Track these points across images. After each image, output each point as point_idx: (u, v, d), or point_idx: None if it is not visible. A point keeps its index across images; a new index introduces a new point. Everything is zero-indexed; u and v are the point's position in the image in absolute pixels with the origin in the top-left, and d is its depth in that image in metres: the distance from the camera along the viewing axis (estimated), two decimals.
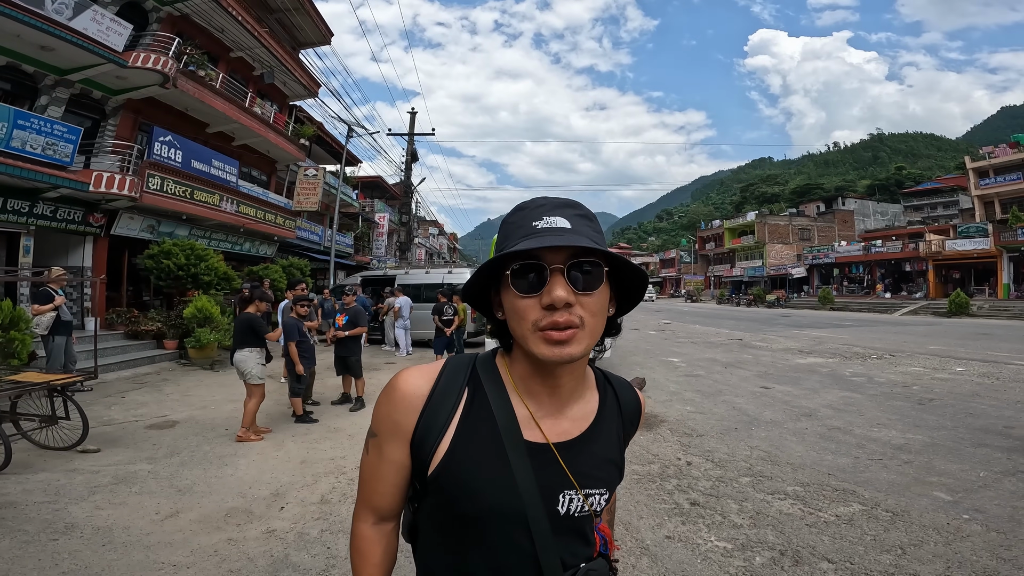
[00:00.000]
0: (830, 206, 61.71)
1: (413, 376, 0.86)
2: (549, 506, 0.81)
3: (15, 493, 3.87)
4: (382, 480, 0.87)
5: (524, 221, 0.81)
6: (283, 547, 3.14)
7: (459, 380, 0.86)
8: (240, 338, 5.67)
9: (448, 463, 0.81)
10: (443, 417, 0.83)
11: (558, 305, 0.73)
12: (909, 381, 8.60)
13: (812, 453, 4.94)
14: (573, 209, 0.82)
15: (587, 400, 0.91)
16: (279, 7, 17.05)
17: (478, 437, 0.82)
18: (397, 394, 0.85)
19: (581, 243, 0.74)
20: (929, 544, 3.12)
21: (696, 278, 64.73)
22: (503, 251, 0.78)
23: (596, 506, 0.86)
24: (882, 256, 38.21)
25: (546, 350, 0.75)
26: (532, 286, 0.76)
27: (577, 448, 0.85)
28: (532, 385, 0.85)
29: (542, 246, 0.73)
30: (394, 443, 0.85)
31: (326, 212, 21.78)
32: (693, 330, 19.59)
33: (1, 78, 10.11)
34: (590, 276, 0.76)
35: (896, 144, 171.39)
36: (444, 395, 0.84)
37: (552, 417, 0.86)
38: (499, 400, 0.84)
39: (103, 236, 11.75)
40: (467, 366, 0.89)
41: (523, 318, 0.77)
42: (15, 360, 6.42)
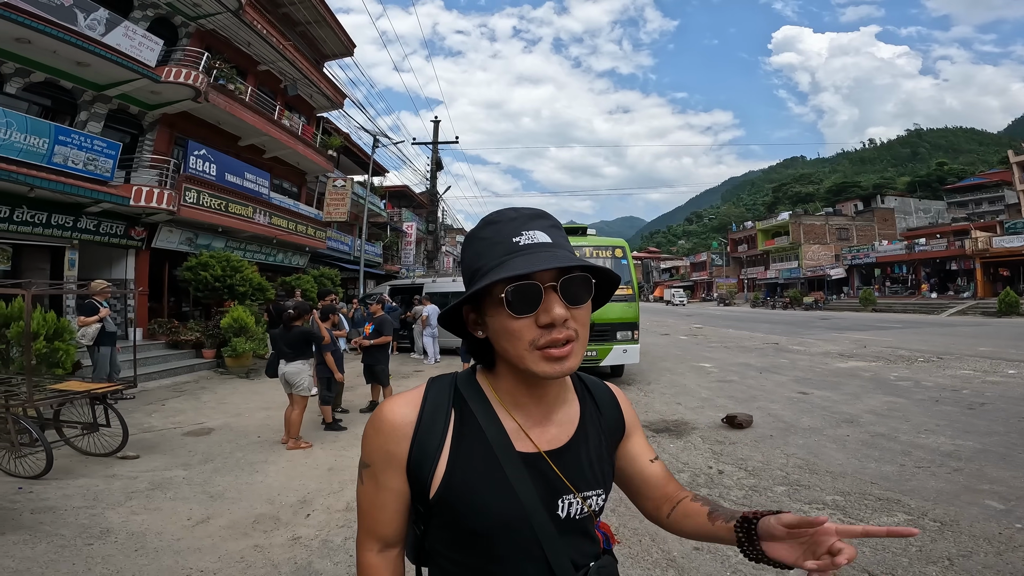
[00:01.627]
0: (868, 204, 59.85)
1: (398, 405, 0.86)
2: (551, 512, 0.83)
3: (55, 498, 3.99)
4: (382, 508, 0.86)
5: (501, 237, 0.80)
6: (307, 554, 3.14)
7: (444, 402, 0.87)
8: (298, 349, 5.72)
9: (449, 484, 0.81)
10: (435, 441, 0.83)
11: (558, 323, 0.75)
12: (958, 385, 8.19)
13: (854, 461, 4.73)
14: (546, 220, 0.84)
15: (570, 404, 0.92)
16: (302, 20, 17.49)
17: (473, 455, 0.83)
18: (386, 425, 0.85)
19: (575, 262, 0.76)
20: (979, 555, 2.94)
21: (728, 281, 63.39)
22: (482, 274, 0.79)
23: (595, 506, 0.88)
24: (926, 255, 36.77)
25: (547, 367, 0.76)
26: (527, 306, 0.76)
27: (568, 453, 0.87)
28: (519, 398, 0.86)
29: (542, 268, 0.73)
30: (389, 472, 0.84)
31: (355, 222, 22.13)
32: (726, 334, 19.15)
33: (41, 94, 10.53)
34: (580, 290, 0.78)
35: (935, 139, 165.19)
36: (432, 419, 0.85)
37: (540, 426, 0.87)
38: (486, 416, 0.85)
39: (145, 249, 12.17)
40: (449, 387, 0.90)
41: (519, 338, 0.77)
42: (59, 369, 6.66)
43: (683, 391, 8.32)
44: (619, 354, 8.66)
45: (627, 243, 9.69)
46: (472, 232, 0.85)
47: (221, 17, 13.00)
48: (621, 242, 9.56)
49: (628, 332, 8.70)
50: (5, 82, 9.73)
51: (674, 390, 8.44)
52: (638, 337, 8.89)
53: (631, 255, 9.40)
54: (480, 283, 0.77)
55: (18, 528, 3.41)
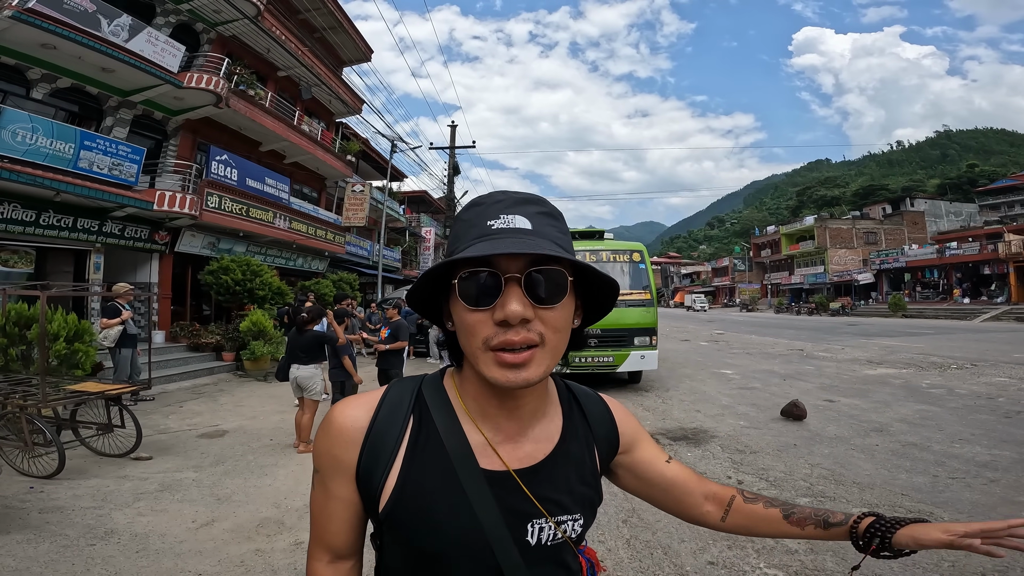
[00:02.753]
0: (897, 207, 58.38)
1: (350, 407, 0.78)
2: (517, 537, 0.73)
3: (64, 498, 4.01)
4: (331, 518, 0.78)
5: (478, 219, 0.71)
6: None
7: (403, 407, 0.78)
8: (312, 353, 5.73)
9: (399, 499, 0.73)
10: (388, 450, 0.74)
11: (512, 322, 0.64)
12: (994, 392, 7.83)
13: (883, 471, 4.50)
14: (536, 206, 0.73)
15: (551, 418, 0.82)
16: (320, 26, 17.70)
17: (429, 469, 0.73)
18: (334, 428, 0.76)
19: (541, 250, 0.65)
20: (1016, 570, 2.78)
21: (751, 286, 62.34)
22: (451, 255, 0.70)
23: (570, 532, 0.78)
24: (958, 259, 35.69)
25: (498, 374, 0.66)
26: (483, 298, 0.66)
27: (543, 473, 0.77)
28: (487, 407, 0.76)
29: (495, 252, 0.64)
30: (337, 479, 0.76)
31: (374, 227, 22.26)
32: (748, 340, 18.73)
33: (68, 100, 10.78)
34: (552, 287, 0.67)
35: (965, 141, 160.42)
36: (387, 425, 0.75)
37: (512, 441, 0.77)
38: (449, 426, 0.76)
39: (168, 253, 12.38)
40: (412, 391, 0.80)
41: (472, 334, 0.68)
42: (79, 371, 6.75)
43: (703, 398, 8.11)
44: (636, 360, 8.49)
45: (646, 248, 9.52)
46: (458, 213, 0.78)
47: (240, 23, 13.22)
48: (639, 246, 9.40)
49: (646, 338, 8.54)
50: (32, 88, 9.99)
51: (693, 397, 8.22)
52: (656, 343, 8.70)
53: (649, 260, 9.22)
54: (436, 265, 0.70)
55: (24, 527, 3.42)
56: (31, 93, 9.95)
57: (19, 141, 8.45)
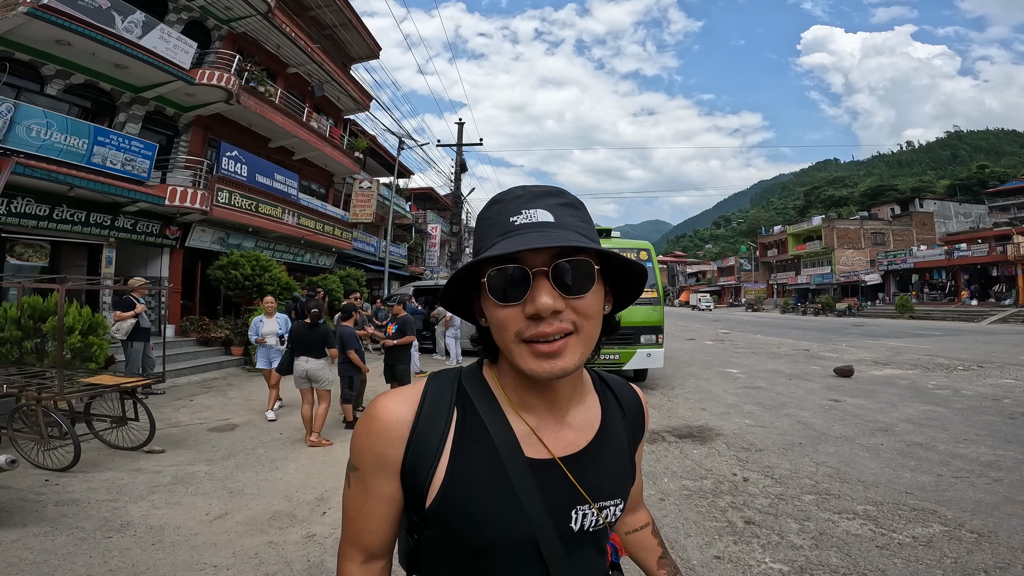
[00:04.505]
0: (906, 208, 57.95)
1: (394, 401, 0.77)
2: (561, 525, 0.75)
3: (80, 491, 4.07)
4: (370, 517, 0.77)
5: (500, 217, 0.72)
6: (320, 552, 3.14)
7: (446, 400, 0.78)
8: (321, 347, 5.85)
9: (447, 493, 0.72)
10: (434, 444, 0.74)
11: (544, 314, 0.65)
12: (1000, 394, 7.82)
13: (888, 470, 4.53)
14: (556, 198, 0.74)
15: (588, 405, 0.83)
16: (329, 23, 17.78)
17: (475, 461, 0.74)
18: (378, 424, 0.75)
19: (565, 242, 0.65)
20: (1017, 567, 2.81)
21: (757, 286, 62.08)
22: (478, 255, 0.71)
23: (611, 518, 0.80)
24: (966, 260, 35.39)
25: (534, 365, 0.67)
26: (513, 293, 0.67)
27: (586, 460, 0.78)
28: (526, 397, 0.77)
29: (520, 249, 0.64)
30: (381, 477, 0.75)
31: (381, 223, 22.36)
32: (754, 340, 18.69)
33: (81, 96, 10.89)
34: (579, 276, 0.67)
35: (976, 141, 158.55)
36: (431, 419, 0.75)
37: (554, 430, 0.78)
38: (493, 417, 0.76)
39: (178, 248, 12.50)
40: (452, 383, 0.80)
41: (505, 328, 0.69)
42: (92, 364, 6.84)
43: (708, 397, 8.13)
44: (643, 358, 8.52)
45: (652, 246, 9.53)
46: (480, 212, 0.78)
47: (251, 20, 13.31)
48: (646, 244, 9.41)
49: (652, 336, 8.56)
50: (46, 84, 10.09)
51: (699, 395, 8.25)
52: (663, 341, 8.72)
53: (656, 258, 9.24)
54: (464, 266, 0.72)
55: (41, 520, 3.47)
56: (45, 89, 10.05)
57: (34, 136, 8.56)
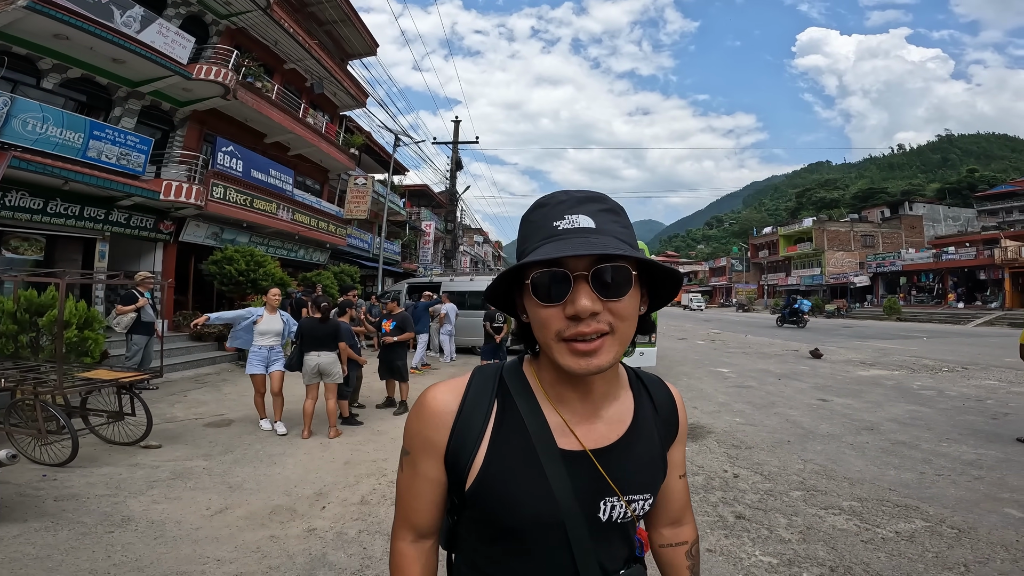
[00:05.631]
0: (896, 211, 58.58)
1: (441, 392, 0.85)
2: (589, 514, 0.80)
3: (79, 486, 4.08)
4: (419, 497, 0.85)
5: (544, 221, 0.76)
6: (322, 546, 3.19)
7: (488, 392, 0.84)
8: (330, 341, 5.96)
9: (484, 477, 0.79)
10: (475, 431, 0.81)
11: (583, 316, 0.70)
12: (983, 395, 8.01)
13: (873, 468, 4.66)
14: (597, 204, 0.78)
15: (621, 401, 0.87)
16: (327, 19, 17.78)
17: (511, 449, 0.80)
18: (427, 411, 0.83)
19: (606, 250, 0.70)
20: (995, 562, 2.92)
21: (748, 287, 62.51)
22: (523, 257, 0.75)
23: (639, 511, 0.84)
24: (954, 264, 35.87)
25: (572, 362, 0.72)
26: (555, 295, 0.72)
27: (617, 453, 0.83)
28: (562, 391, 0.82)
29: (563, 255, 0.68)
30: (428, 460, 0.83)
31: (375, 220, 22.35)
32: (745, 340, 18.88)
33: (77, 90, 10.84)
34: (617, 281, 0.72)
35: (967, 145, 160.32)
36: (474, 408, 0.82)
37: (587, 423, 0.83)
38: (529, 409, 0.82)
39: (172, 242, 12.46)
40: (494, 376, 0.87)
41: (546, 327, 0.73)
42: (88, 358, 6.83)
43: (700, 395, 8.25)
44: (635, 357, 8.60)
45: (646, 246, 9.63)
46: (524, 215, 0.82)
47: (250, 15, 13.27)
48: (641, 245, 9.51)
49: (645, 336, 8.64)
50: (43, 78, 10.04)
51: (691, 394, 8.37)
52: (655, 340, 8.83)
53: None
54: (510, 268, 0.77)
55: (41, 515, 3.48)
56: (42, 83, 10.01)
57: (29, 130, 8.54)
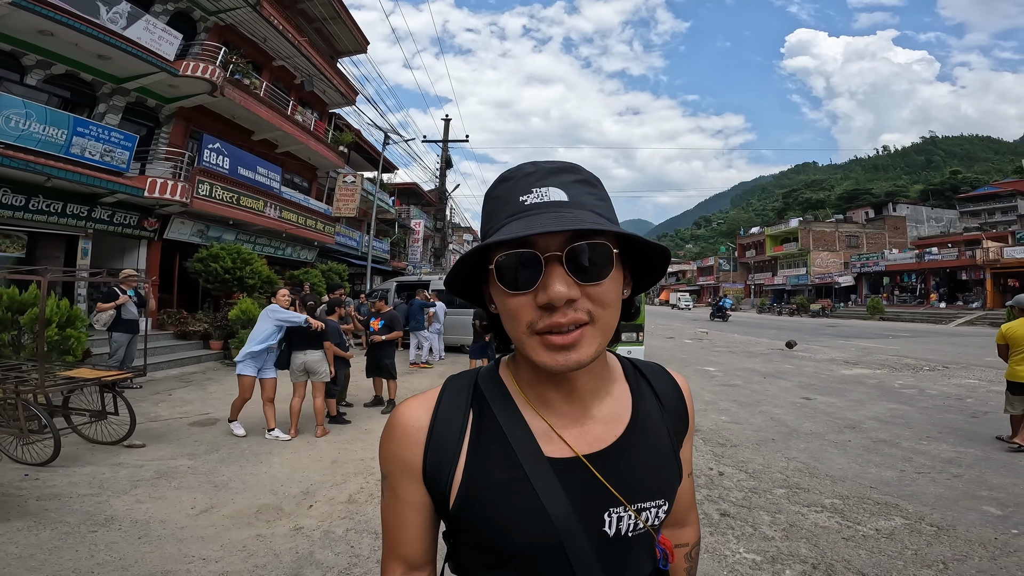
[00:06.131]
0: (880, 212, 59.44)
1: (410, 407, 0.74)
2: (592, 528, 0.69)
3: (61, 485, 4.04)
4: (404, 525, 0.74)
5: (510, 196, 0.65)
6: (309, 544, 3.19)
7: (461, 401, 0.74)
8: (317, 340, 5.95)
9: (466, 496, 0.69)
10: (451, 446, 0.70)
11: (557, 304, 0.59)
12: (963, 394, 8.18)
13: (854, 466, 4.74)
14: (570, 174, 0.67)
15: (616, 397, 0.76)
16: (317, 16, 17.67)
17: (492, 462, 0.69)
18: (397, 430, 0.73)
19: (582, 225, 0.59)
20: (974, 559, 2.98)
21: (736, 286, 63.11)
22: (486, 237, 0.65)
23: (653, 520, 0.72)
24: (936, 264, 36.46)
25: (547, 358, 0.62)
26: (523, 280, 0.61)
27: (617, 456, 0.71)
28: (543, 392, 0.72)
29: (531, 232, 0.57)
30: (407, 483, 0.72)
31: (364, 218, 22.24)
32: (732, 339, 19.08)
33: (61, 86, 10.70)
34: (597, 262, 0.61)
35: (951, 147, 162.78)
36: (447, 421, 0.72)
37: (577, 425, 0.72)
38: (509, 416, 0.72)
39: (157, 240, 12.32)
40: (468, 384, 0.76)
41: (516, 319, 0.63)
42: (70, 357, 6.74)
43: None
44: None
45: None
46: (488, 190, 0.70)
47: (239, 12, 13.16)
48: None
49: (633, 334, 8.72)
50: (26, 74, 9.90)
51: None
52: (643, 339, 8.89)
53: None
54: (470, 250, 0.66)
55: (24, 515, 3.45)
56: (25, 79, 9.86)
57: (12, 127, 8.40)
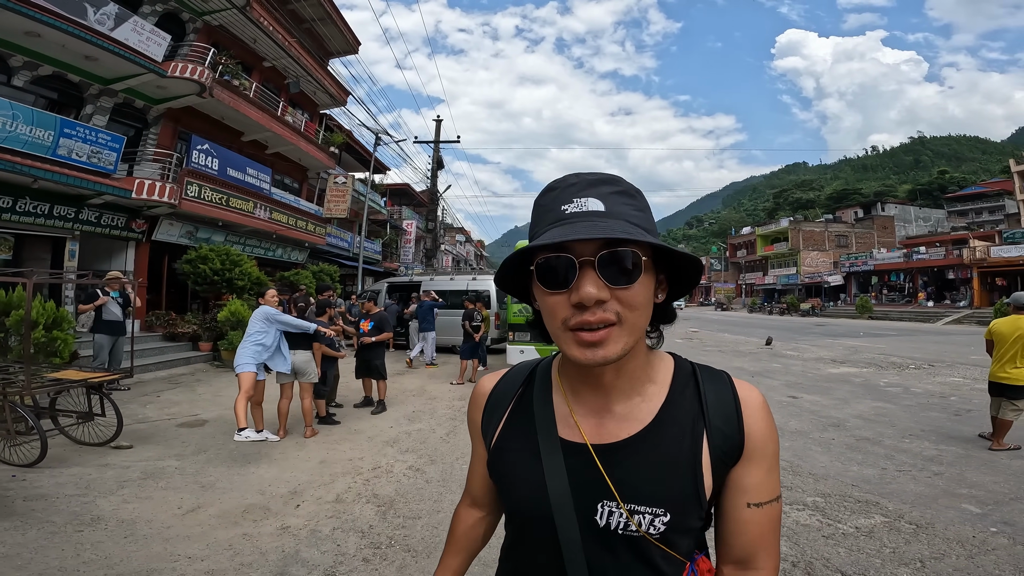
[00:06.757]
0: (869, 212, 59.93)
1: (486, 378, 0.94)
2: (584, 515, 0.74)
3: (48, 486, 4.04)
4: (473, 469, 0.97)
5: (554, 204, 0.73)
6: (295, 543, 3.21)
7: (518, 379, 0.89)
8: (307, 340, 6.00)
9: (494, 454, 0.85)
10: (498, 413, 0.87)
11: (587, 303, 0.66)
12: (947, 392, 8.28)
13: (837, 464, 4.80)
14: (610, 186, 0.73)
15: (646, 398, 0.78)
16: (308, 17, 17.64)
17: (517, 433, 0.83)
18: (474, 394, 0.94)
19: (613, 234, 0.65)
20: (951, 557, 3.02)
21: (727, 286, 63.51)
22: (531, 240, 0.73)
23: (647, 527, 0.72)
24: (924, 263, 36.83)
25: (577, 352, 0.68)
26: (560, 281, 0.68)
27: (623, 453, 0.75)
28: (575, 382, 0.81)
29: (566, 239, 0.65)
30: (475, 437, 0.93)
31: (355, 219, 22.21)
32: (722, 339, 19.22)
33: (48, 87, 10.64)
34: (627, 267, 0.67)
35: (938, 147, 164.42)
36: (502, 392, 0.89)
37: (595, 416, 0.78)
38: (542, 396, 0.84)
39: (145, 241, 12.26)
40: (529, 367, 0.91)
41: (552, 315, 0.71)
42: (57, 359, 6.71)
43: None
44: None
45: None
46: (536, 198, 0.78)
47: (228, 13, 13.12)
48: None
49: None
50: (13, 75, 9.85)
51: None
52: None
53: None
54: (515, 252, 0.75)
55: (10, 515, 3.45)
56: (12, 80, 9.80)
57: None
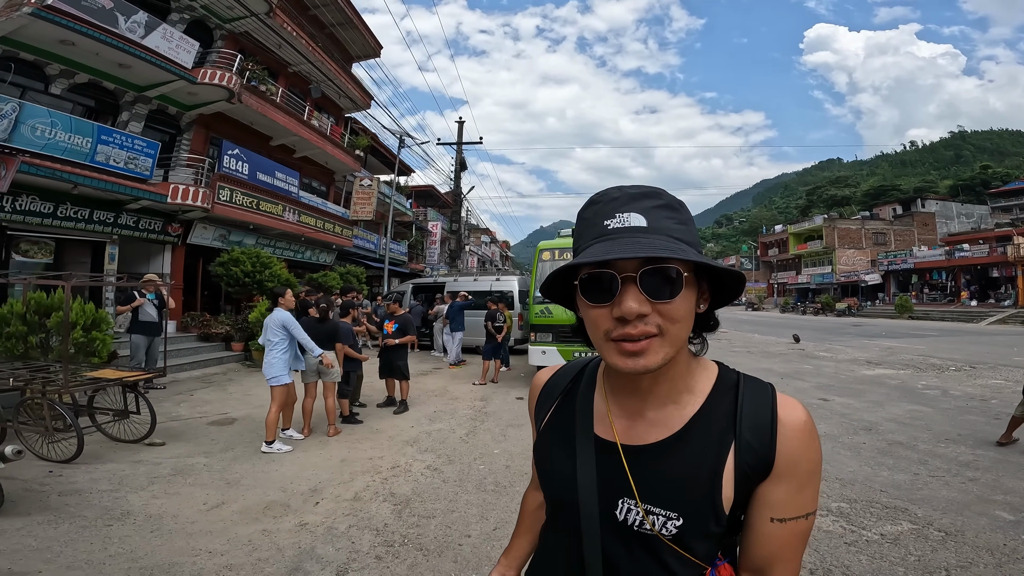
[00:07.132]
0: (908, 208, 57.86)
1: (543, 372, 1.00)
2: (605, 507, 0.79)
3: (82, 481, 4.21)
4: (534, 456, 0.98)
5: (596, 218, 0.75)
6: (311, 539, 3.28)
7: (569, 376, 0.94)
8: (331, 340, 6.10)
9: (538, 444, 0.91)
10: (547, 405, 0.93)
11: (629, 317, 0.68)
12: (988, 395, 7.93)
13: (866, 468, 4.65)
14: (652, 200, 0.74)
15: (680, 406, 0.80)
16: (330, 22, 17.99)
17: (558, 426, 0.89)
18: (531, 387, 1.00)
19: (654, 252, 0.67)
20: (979, 566, 2.90)
21: (758, 285, 62.13)
22: (576, 255, 0.75)
23: (660, 528, 0.74)
24: (966, 261, 35.38)
25: (619, 361, 0.71)
26: (603, 296, 0.71)
27: (649, 456, 0.78)
28: (615, 384, 0.85)
29: (608, 258, 0.67)
30: (533, 425, 0.97)
31: (381, 221, 22.50)
32: (751, 339, 18.82)
33: (85, 95, 11.08)
34: (667, 284, 0.69)
35: (980, 142, 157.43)
36: (553, 386, 0.94)
37: (629, 418, 0.82)
38: (584, 396, 0.88)
39: (180, 245, 12.67)
40: (581, 365, 0.95)
41: (595, 327, 0.73)
42: (96, 358, 6.98)
43: None
44: None
45: None
46: (580, 211, 0.80)
47: (253, 20, 13.46)
48: None
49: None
50: (51, 83, 10.27)
51: None
52: None
53: None
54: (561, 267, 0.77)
55: (44, 509, 3.61)
56: (49, 88, 10.23)
57: (39, 136, 8.71)
